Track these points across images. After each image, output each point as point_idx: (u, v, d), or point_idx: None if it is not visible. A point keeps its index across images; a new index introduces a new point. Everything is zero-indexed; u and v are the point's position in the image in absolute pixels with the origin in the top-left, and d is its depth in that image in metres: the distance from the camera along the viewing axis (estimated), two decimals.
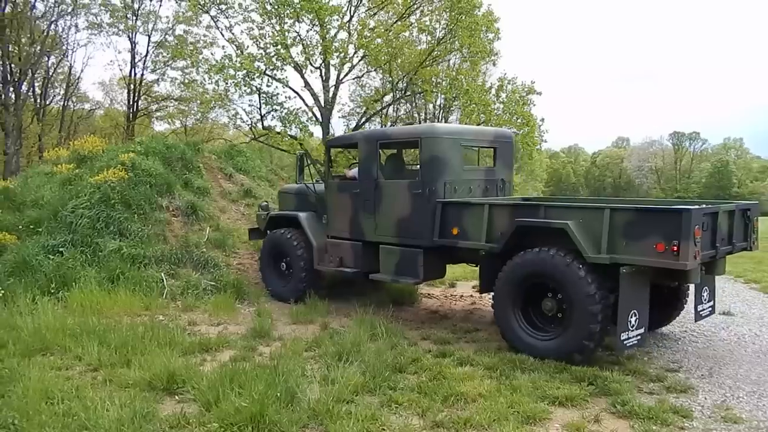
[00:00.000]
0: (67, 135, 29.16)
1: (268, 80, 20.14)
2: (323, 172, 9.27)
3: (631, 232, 5.71)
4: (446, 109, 27.45)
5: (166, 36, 29.14)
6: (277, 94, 20.69)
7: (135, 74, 30.27)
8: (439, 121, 26.69)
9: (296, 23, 19.81)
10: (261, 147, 23.76)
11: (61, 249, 9.06)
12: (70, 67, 30.81)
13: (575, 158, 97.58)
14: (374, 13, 22.32)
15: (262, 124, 21.21)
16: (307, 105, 21.38)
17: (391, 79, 23.68)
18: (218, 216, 11.32)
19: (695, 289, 6.66)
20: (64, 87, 31.04)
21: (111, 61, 65.23)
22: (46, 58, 28.48)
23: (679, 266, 5.47)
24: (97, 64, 64.84)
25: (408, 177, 8.31)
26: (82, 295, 8.06)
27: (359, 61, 21.57)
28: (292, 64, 20.11)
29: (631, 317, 5.75)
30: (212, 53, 23.22)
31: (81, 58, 34.41)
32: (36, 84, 28.98)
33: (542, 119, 25.73)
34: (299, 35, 20.02)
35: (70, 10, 27.37)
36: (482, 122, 22.96)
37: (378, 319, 7.34)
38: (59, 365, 5.92)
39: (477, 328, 7.63)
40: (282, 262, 9.35)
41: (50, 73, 29.59)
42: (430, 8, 22.60)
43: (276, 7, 19.34)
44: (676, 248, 5.40)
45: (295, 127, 20.86)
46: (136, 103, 31.00)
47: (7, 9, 25.21)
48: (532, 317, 6.47)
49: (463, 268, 10.65)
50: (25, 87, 27.38)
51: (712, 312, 7.08)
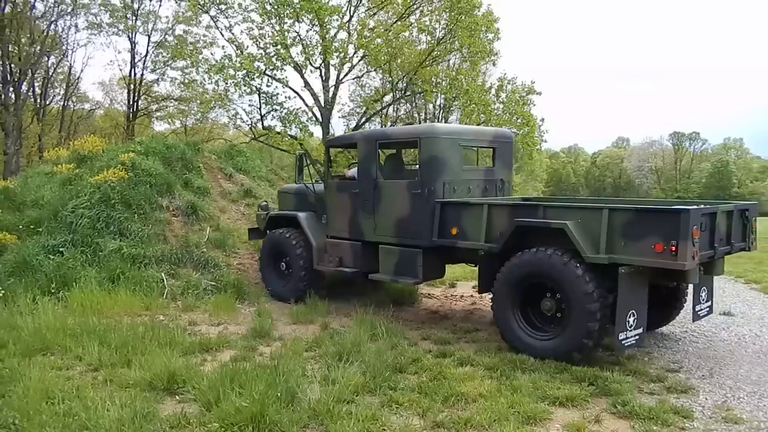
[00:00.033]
0: (67, 135, 29.17)
1: (268, 80, 20.15)
2: (323, 172, 9.26)
3: (630, 232, 5.71)
4: (446, 109, 27.45)
5: (166, 36, 29.20)
6: (277, 94, 20.71)
7: (135, 74, 30.33)
8: (439, 121, 26.69)
9: (296, 23, 19.82)
10: (261, 147, 23.76)
11: (61, 249, 9.06)
12: (70, 67, 30.89)
13: (575, 158, 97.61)
14: (374, 13, 22.32)
15: (262, 124, 21.22)
16: (307, 105, 21.40)
17: (390, 79, 23.68)
18: (218, 216, 11.32)
19: (693, 290, 6.67)
20: (64, 87, 31.07)
21: (111, 61, 65.30)
22: (46, 58, 28.50)
23: (677, 266, 5.48)
24: (97, 64, 65.08)
25: (407, 177, 8.29)
26: (83, 295, 8.06)
27: (359, 61, 21.59)
28: (292, 64, 20.12)
29: (630, 317, 5.76)
30: (212, 53, 23.24)
31: (81, 58, 34.73)
32: (36, 84, 29.01)
33: (542, 119, 25.80)
34: (299, 35, 20.02)
35: (69, 10, 27.40)
36: (482, 122, 22.96)
37: (378, 319, 7.33)
38: (60, 365, 5.91)
39: (477, 329, 7.63)
40: (281, 262, 9.35)
41: (50, 73, 29.62)
42: (429, 8, 22.60)
43: (276, 7, 19.35)
44: (674, 248, 5.41)
45: (295, 127, 20.87)
46: (136, 103, 31.03)
47: (7, 9, 25.22)
48: (531, 317, 6.47)
49: (463, 268, 10.66)
50: (25, 87, 27.42)
51: (710, 312, 7.09)
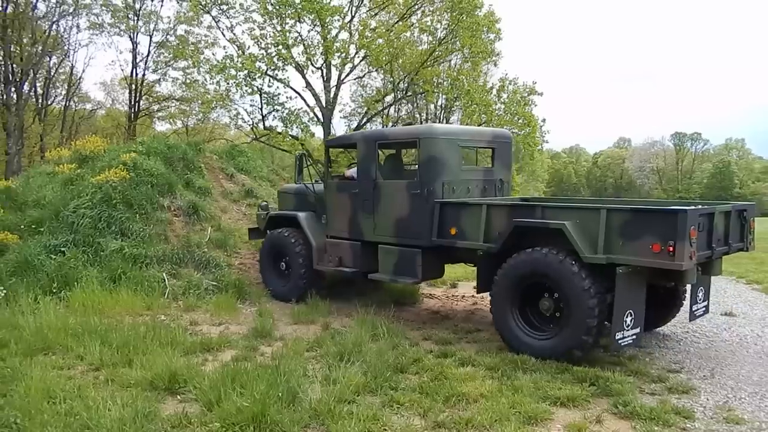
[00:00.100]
0: (68, 135, 29.24)
1: (270, 80, 20.21)
2: (322, 172, 9.27)
3: (628, 232, 5.72)
4: (447, 110, 27.47)
5: (168, 36, 29.28)
6: (279, 94, 20.78)
7: (136, 74, 30.41)
8: (440, 121, 26.70)
9: (297, 23, 19.87)
10: (262, 147, 23.81)
11: (62, 249, 9.07)
12: (72, 68, 30.94)
13: (576, 159, 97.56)
14: (375, 14, 22.36)
15: (264, 124, 21.26)
16: (308, 105, 21.45)
17: (392, 79, 23.71)
18: (220, 216, 11.32)
19: (691, 289, 6.70)
20: (66, 87, 31.14)
21: (112, 61, 65.53)
22: (48, 59, 28.57)
23: (674, 266, 5.49)
24: (99, 65, 64.91)
25: (406, 177, 8.30)
26: (84, 295, 8.06)
27: (360, 61, 21.63)
28: (294, 65, 20.16)
29: (627, 317, 5.77)
30: (213, 53, 23.33)
31: (82, 59, 34.68)
32: (38, 84, 29.07)
33: (543, 120, 25.86)
34: (300, 35, 20.06)
35: (71, 10, 27.47)
36: (483, 123, 22.99)
37: (379, 320, 7.33)
38: (61, 365, 5.92)
39: (478, 329, 7.62)
40: (281, 261, 9.35)
41: (52, 74, 29.67)
42: (431, 8, 22.63)
43: (277, 7, 19.39)
44: (672, 249, 5.42)
45: (297, 127, 20.92)
46: (137, 104, 31.09)
47: (9, 9, 25.28)
48: (530, 317, 6.48)
49: (464, 269, 10.65)
50: (26, 87, 27.48)
51: (706, 312, 7.13)
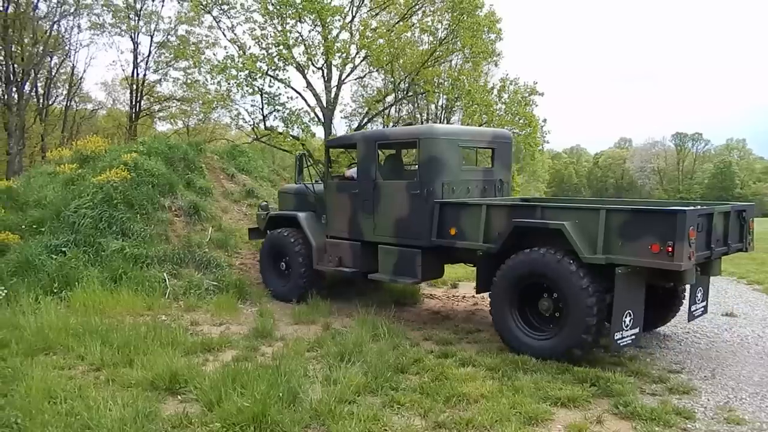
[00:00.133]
0: (69, 135, 29.26)
1: (270, 81, 20.23)
2: (323, 172, 9.28)
3: (627, 232, 5.73)
4: (448, 110, 27.47)
5: (169, 36, 29.29)
6: (280, 94, 20.80)
7: (137, 74, 30.42)
8: (441, 121, 26.71)
9: (298, 23, 19.88)
10: (263, 147, 23.82)
11: (63, 249, 9.08)
12: (73, 68, 30.96)
13: (577, 159, 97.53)
14: (376, 14, 22.36)
15: (265, 124, 21.28)
16: (309, 105, 21.46)
17: (393, 79, 23.71)
18: (220, 216, 11.33)
19: (690, 290, 6.71)
20: (67, 87, 31.16)
21: (113, 61, 65.35)
22: (49, 59, 28.59)
23: (673, 267, 5.50)
24: (100, 65, 65.07)
25: (406, 177, 8.30)
26: (85, 295, 8.07)
27: (361, 61, 21.63)
28: (294, 65, 20.17)
29: (626, 317, 5.78)
30: (214, 53, 23.38)
31: (83, 59, 34.65)
32: (39, 84, 29.10)
33: (544, 120, 25.86)
34: (301, 36, 20.07)
35: (72, 10, 27.49)
36: (484, 123, 22.99)
37: (380, 320, 7.33)
38: (62, 365, 5.93)
39: (479, 329, 7.62)
40: (281, 261, 9.35)
41: (53, 74, 29.69)
42: (431, 9, 22.63)
43: (278, 7, 19.40)
44: (670, 249, 5.42)
45: (297, 127, 20.93)
46: (138, 104, 31.12)
47: (10, 9, 25.30)
48: (529, 317, 6.49)
49: (464, 269, 10.65)
50: (27, 87, 27.49)
51: (705, 312, 7.15)
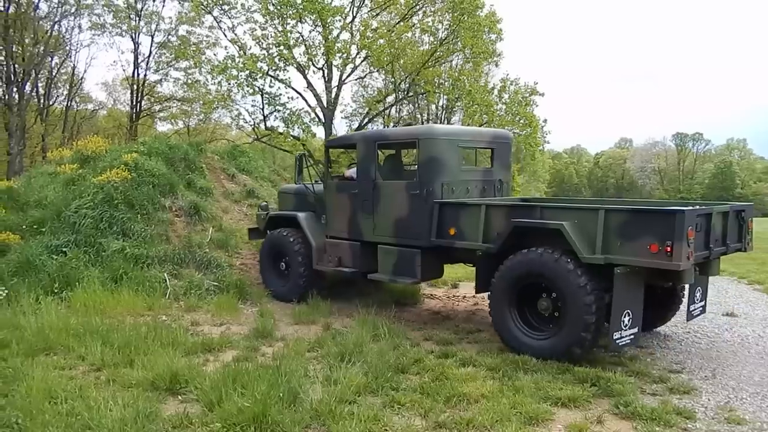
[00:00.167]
0: (70, 135, 29.29)
1: (271, 81, 20.23)
2: (322, 172, 9.28)
3: (626, 232, 5.74)
4: (449, 110, 27.48)
5: (169, 36, 29.32)
6: (280, 94, 20.80)
7: (138, 75, 30.45)
8: (441, 121, 26.71)
9: (299, 24, 19.88)
10: (264, 147, 23.82)
11: (64, 249, 9.08)
12: (74, 68, 31.00)
13: (578, 159, 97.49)
14: (377, 14, 22.36)
15: (265, 124, 21.29)
16: (309, 106, 21.46)
17: (393, 79, 23.72)
18: (221, 216, 11.33)
19: (689, 289, 6.73)
20: (68, 87, 31.20)
21: (114, 61, 65.60)
22: (50, 59, 28.62)
23: (672, 267, 5.50)
24: (100, 65, 65.16)
25: (406, 178, 8.31)
26: (86, 295, 8.07)
27: (362, 61, 21.63)
28: (295, 65, 20.17)
29: (625, 317, 5.79)
30: (215, 54, 23.39)
31: (84, 59, 34.65)
32: (39, 84, 29.13)
33: (545, 120, 25.82)
34: (302, 36, 20.07)
35: (73, 10, 27.53)
36: (485, 123, 22.99)
37: (380, 320, 7.33)
38: (62, 365, 5.93)
39: (479, 329, 7.62)
40: (281, 262, 9.35)
41: (53, 74, 29.73)
42: (432, 9, 22.63)
43: (279, 7, 19.40)
44: (669, 249, 5.44)
45: (298, 127, 20.93)
46: (139, 104, 31.15)
47: (11, 9, 25.33)
48: (528, 317, 6.50)
49: (465, 269, 10.64)
50: (28, 87, 27.51)
51: (703, 311, 7.17)
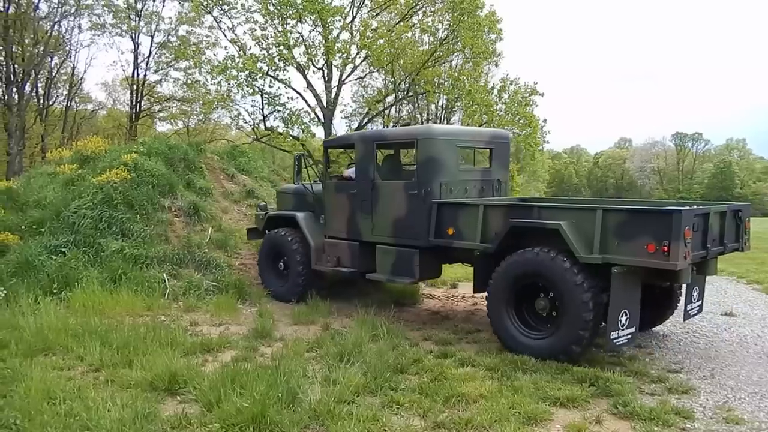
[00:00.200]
0: (69, 135, 29.28)
1: (271, 81, 20.21)
2: (321, 172, 9.29)
3: (623, 232, 5.75)
4: (448, 110, 27.47)
5: (169, 37, 29.32)
6: (280, 95, 20.78)
7: (138, 75, 30.45)
8: (441, 121, 26.71)
9: (299, 24, 19.87)
10: (263, 148, 23.82)
11: (63, 249, 9.08)
12: (73, 68, 30.99)
13: (577, 159, 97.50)
14: (377, 14, 22.36)
15: (265, 124, 21.28)
16: (309, 106, 21.45)
17: (393, 79, 23.71)
18: (220, 216, 11.33)
19: (686, 289, 6.73)
20: (67, 87, 31.18)
21: (114, 61, 65.45)
22: (50, 59, 28.61)
23: (669, 266, 5.51)
24: (100, 65, 65.12)
25: (404, 178, 8.32)
26: (84, 296, 8.07)
27: (362, 61, 21.62)
28: (295, 65, 20.16)
29: (622, 317, 5.80)
30: (215, 54, 23.37)
31: (84, 59, 34.68)
32: (39, 84, 29.12)
33: (545, 120, 25.82)
34: (302, 36, 20.06)
35: (73, 10, 27.53)
36: (484, 123, 22.98)
37: (379, 320, 7.33)
38: (61, 365, 5.93)
39: (478, 329, 7.62)
40: (279, 262, 9.36)
41: (53, 74, 29.71)
42: (432, 9, 22.62)
43: (278, 7, 19.39)
44: (666, 249, 5.45)
45: (298, 127, 20.91)
46: (138, 104, 31.14)
47: (11, 9, 25.32)
48: (526, 317, 6.51)
49: (464, 269, 10.65)
50: (28, 87, 27.51)
51: (700, 311, 7.18)
